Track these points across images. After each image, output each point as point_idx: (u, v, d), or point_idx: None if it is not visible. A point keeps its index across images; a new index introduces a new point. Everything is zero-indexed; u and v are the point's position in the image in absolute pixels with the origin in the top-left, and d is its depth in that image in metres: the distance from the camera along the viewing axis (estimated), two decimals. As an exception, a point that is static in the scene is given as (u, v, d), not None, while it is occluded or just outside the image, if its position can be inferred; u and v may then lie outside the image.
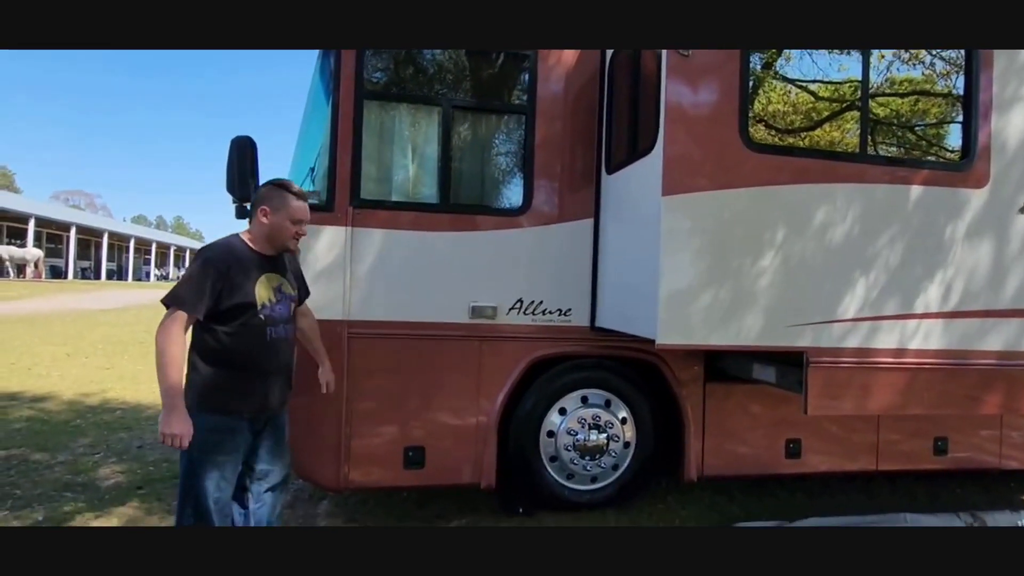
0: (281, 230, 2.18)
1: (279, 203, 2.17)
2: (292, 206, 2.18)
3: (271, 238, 2.19)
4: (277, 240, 2.20)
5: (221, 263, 2.06)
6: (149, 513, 3.27)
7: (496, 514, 3.36)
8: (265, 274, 2.17)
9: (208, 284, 2.02)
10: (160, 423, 1.99)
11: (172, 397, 1.97)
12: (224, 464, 2.09)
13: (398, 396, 3.12)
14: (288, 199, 2.18)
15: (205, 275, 2.03)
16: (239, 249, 2.15)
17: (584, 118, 3.33)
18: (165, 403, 1.98)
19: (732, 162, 2.71)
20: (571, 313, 3.29)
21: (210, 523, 2.08)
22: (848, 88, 3.09)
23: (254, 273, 2.14)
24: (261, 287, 2.14)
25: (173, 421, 1.96)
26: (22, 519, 3.13)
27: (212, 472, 2.06)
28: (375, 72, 3.22)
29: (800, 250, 2.76)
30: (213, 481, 2.06)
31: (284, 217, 2.17)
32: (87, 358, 8.32)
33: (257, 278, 2.14)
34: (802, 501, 3.74)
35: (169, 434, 1.96)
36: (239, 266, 2.09)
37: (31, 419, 5.04)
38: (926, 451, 3.69)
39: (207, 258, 2.07)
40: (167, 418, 1.97)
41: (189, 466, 2.07)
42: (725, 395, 3.48)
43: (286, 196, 2.18)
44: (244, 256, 2.14)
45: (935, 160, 3.24)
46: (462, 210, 3.23)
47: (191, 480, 2.07)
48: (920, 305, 2.91)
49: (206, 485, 2.05)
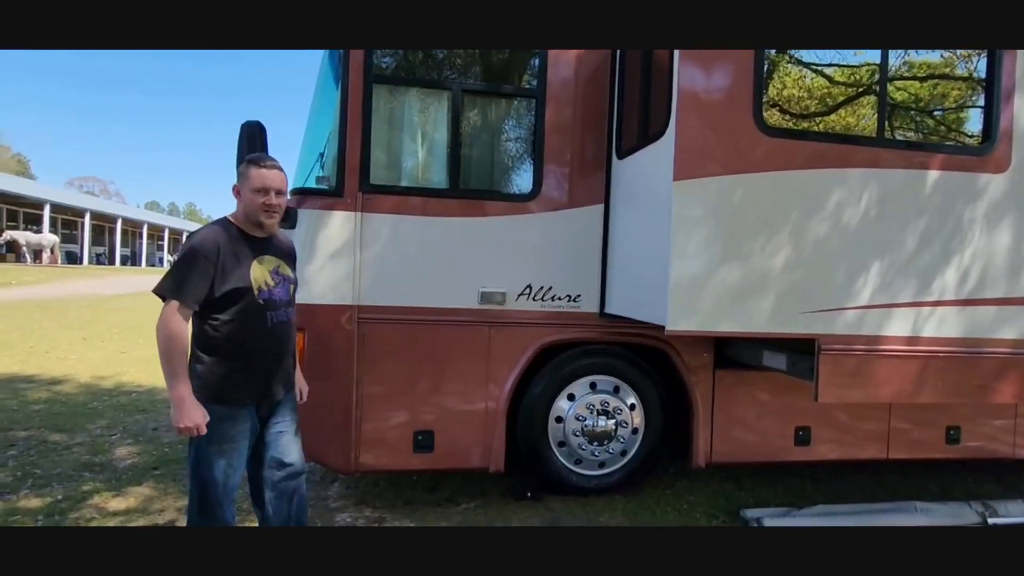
0: (251, 203, 2.07)
1: (244, 176, 2.09)
2: (252, 175, 2.06)
3: (247, 214, 2.10)
4: (252, 216, 2.09)
5: (210, 249, 1.99)
6: (165, 493, 3.34)
7: (504, 498, 3.39)
8: (258, 256, 2.10)
9: (197, 272, 1.97)
10: (172, 418, 1.97)
11: (179, 386, 1.95)
12: (230, 452, 2.08)
13: (407, 381, 3.14)
14: (250, 169, 2.08)
15: (194, 263, 1.97)
16: (227, 233, 2.07)
17: (595, 102, 3.30)
18: (173, 396, 1.95)
19: (746, 147, 2.67)
20: (580, 299, 3.28)
21: (218, 510, 2.09)
22: (865, 72, 3.02)
23: (245, 256, 2.07)
24: (256, 270, 2.08)
25: (185, 413, 1.95)
26: (42, 497, 3.20)
27: (219, 460, 2.06)
28: (384, 56, 3.20)
29: (814, 236, 2.73)
30: (220, 469, 2.06)
31: (248, 188, 2.07)
32: (103, 342, 8.46)
33: (250, 261, 2.08)
34: (811, 488, 3.74)
35: (185, 427, 1.95)
36: (228, 250, 2.03)
37: (49, 401, 5.15)
38: (938, 440, 3.66)
39: (193, 245, 2.00)
40: (179, 411, 1.95)
41: (196, 456, 2.08)
42: (735, 382, 3.47)
43: (248, 167, 2.08)
44: (233, 239, 2.07)
45: (954, 144, 3.17)
46: (471, 195, 3.22)
47: (199, 469, 2.07)
48: (935, 292, 2.87)
49: (214, 474, 2.06)
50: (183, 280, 1.97)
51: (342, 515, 3.16)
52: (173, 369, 1.96)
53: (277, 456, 2.23)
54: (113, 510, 3.10)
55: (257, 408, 2.16)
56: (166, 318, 1.96)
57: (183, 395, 1.95)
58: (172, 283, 1.99)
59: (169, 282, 1.99)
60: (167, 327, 1.95)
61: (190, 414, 1.95)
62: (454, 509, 3.27)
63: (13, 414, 4.70)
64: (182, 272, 1.98)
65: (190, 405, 1.96)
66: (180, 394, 1.95)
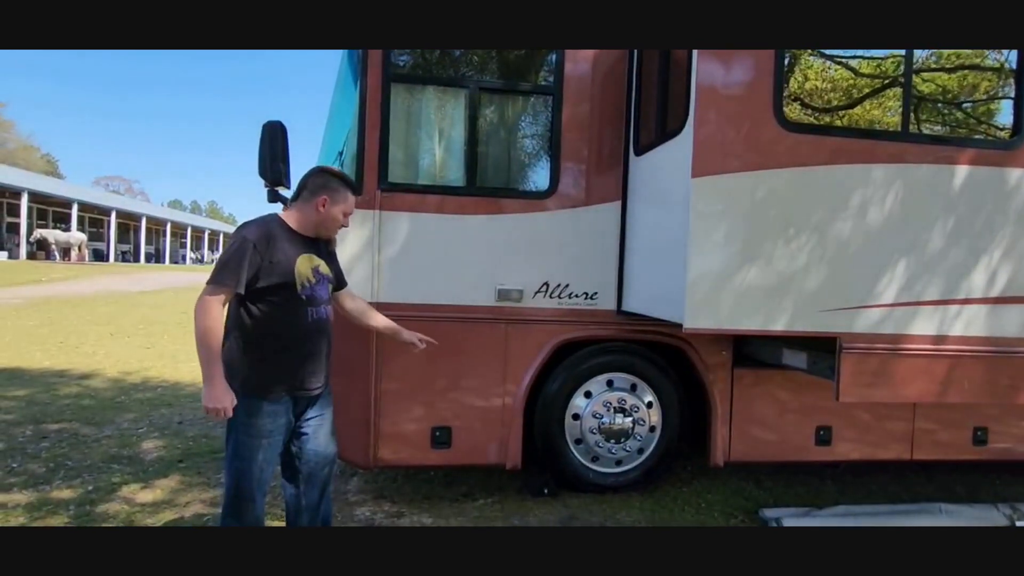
0: (334, 221, 2.23)
1: (339, 197, 2.21)
2: (350, 200, 2.25)
3: (320, 226, 2.22)
4: (325, 229, 2.24)
5: (260, 240, 2.07)
6: (190, 486, 3.42)
7: (521, 494, 3.41)
8: (305, 253, 2.18)
9: (246, 261, 2.03)
10: (203, 397, 2.03)
11: (211, 369, 2.00)
12: (266, 446, 2.13)
13: (425, 377, 3.17)
14: (347, 195, 2.24)
15: (243, 251, 2.04)
16: (278, 228, 2.16)
17: (612, 99, 3.28)
18: (205, 376, 2.01)
19: (765, 142, 2.63)
20: (597, 297, 3.28)
21: (251, 503, 2.15)
22: (891, 63, 2.95)
23: (293, 252, 2.14)
24: (301, 266, 2.15)
25: (214, 393, 2.00)
26: (74, 489, 3.31)
27: (255, 454, 2.12)
28: (402, 55, 3.22)
29: (836, 233, 2.68)
30: (255, 462, 2.12)
31: (340, 211, 2.22)
32: (129, 338, 8.68)
33: (296, 257, 2.15)
34: (832, 488, 3.69)
35: (212, 407, 2.00)
36: (278, 244, 2.11)
37: (79, 395, 5.31)
38: (964, 441, 3.57)
39: (244, 236, 2.07)
40: (208, 391, 2.01)
41: (233, 448, 2.14)
42: (753, 380, 3.43)
43: (346, 192, 2.23)
44: (284, 235, 2.15)
45: (983, 138, 3.08)
46: (488, 193, 3.23)
47: (235, 462, 2.13)
48: (963, 291, 2.80)
49: (251, 467, 2.12)
50: (228, 266, 2.03)
51: (361, 509, 3.20)
52: (208, 350, 2.01)
53: (312, 447, 2.29)
54: (141, 502, 3.19)
55: (294, 402, 2.21)
56: (205, 302, 2.01)
57: (214, 375, 2.01)
58: (218, 267, 2.06)
59: (216, 266, 2.07)
60: (204, 310, 2.01)
61: (218, 396, 2.01)
62: (471, 505, 3.29)
63: (46, 407, 4.85)
64: (232, 258, 2.04)
65: (219, 386, 2.01)
66: (212, 375, 2.01)
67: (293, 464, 2.30)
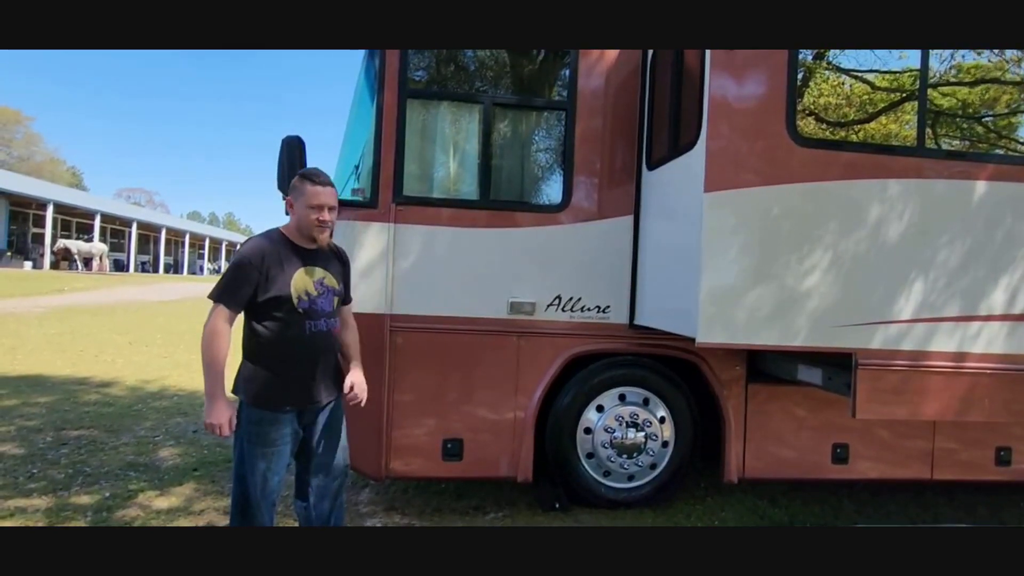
0: (307, 219, 2.15)
1: (298, 192, 2.17)
2: (308, 191, 2.14)
3: (300, 228, 2.19)
4: (305, 230, 2.18)
5: (256, 257, 2.10)
6: (205, 494, 3.45)
7: (532, 508, 3.39)
8: (304, 266, 2.18)
9: (243, 279, 2.08)
10: (204, 414, 2.09)
11: (212, 385, 2.07)
12: (271, 456, 2.16)
13: (437, 389, 3.19)
14: (305, 186, 2.16)
15: (240, 270, 2.09)
16: (276, 242, 2.16)
17: (625, 113, 3.30)
18: (206, 391, 2.08)
19: (779, 157, 2.63)
20: (610, 310, 3.27)
21: (258, 510, 2.17)
22: (908, 77, 2.94)
23: (291, 265, 2.15)
24: (299, 279, 2.16)
25: (213, 411, 2.06)
26: (92, 495, 3.36)
27: (259, 463, 2.15)
28: (418, 71, 3.28)
29: (852, 248, 2.66)
30: (260, 471, 2.15)
31: (303, 204, 2.15)
32: (147, 347, 8.82)
33: (295, 270, 2.16)
34: (849, 508, 3.61)
35: (210, 424, 2.07)
36: (274, 259, 2.11)
37: (98, 402, 5.40)
38: (987, 461, 3.49)
39: (242, 253, 2.12)
40: (208, 408, 2.07)
41: (239, 457, 2.18)
42: (768, 396, 3.39)
43: (304, 183, 2.16)
44: (281, 249, 2.16)
45: (1004, 153, 3.05)
46: (502, 207, 3.26)
47: (240, 470, 2.18)
48: (984, 308, 2.75)
49: (254, 476, 2.15)
50: (228, 285, 2.10)
51: (372, 520, 3.20)
52: (210, 368, 2.07)
53: (322, 458, 2.31)
54: (157, 509, 3.23)
55: (300, 414, 2.23)
56: (210, 321, 2.08)
57: (215, 393, 2.07)
58: (219, 287, 2.12)
59: (218, 286, 2.12)
60: (209, 328, 2.08)
61: (216, 412, 2.06)
62: (482, 518, 3.28)
63: (66, 414, 4.94)
64: (229, 277, 2.11)
65: (219, 405, 2.07)
66: (212, 391, 2.07)
67: (304, 477, 2.32)
